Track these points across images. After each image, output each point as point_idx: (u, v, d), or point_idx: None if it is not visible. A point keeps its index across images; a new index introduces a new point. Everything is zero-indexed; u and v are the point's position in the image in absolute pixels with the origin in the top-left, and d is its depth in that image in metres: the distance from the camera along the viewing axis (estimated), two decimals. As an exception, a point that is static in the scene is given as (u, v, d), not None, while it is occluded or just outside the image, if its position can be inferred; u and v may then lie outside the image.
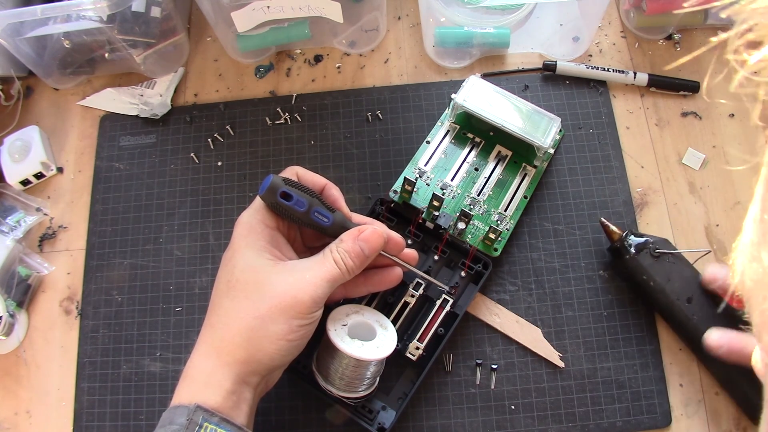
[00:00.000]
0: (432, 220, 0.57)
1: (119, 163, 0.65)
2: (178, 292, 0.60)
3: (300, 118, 0.65)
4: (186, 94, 0.68)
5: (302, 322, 0.44)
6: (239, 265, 0.45)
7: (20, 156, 0.64)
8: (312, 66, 0.68)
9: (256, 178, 0.63)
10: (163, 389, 0.56)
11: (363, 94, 0.66)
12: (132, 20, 0.61)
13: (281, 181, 0.47)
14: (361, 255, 0.47)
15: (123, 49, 0.63)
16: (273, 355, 0.44)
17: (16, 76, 0.67)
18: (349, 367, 0.48)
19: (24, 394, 0.58)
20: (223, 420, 0.41)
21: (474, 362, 0.55)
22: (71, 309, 0.60)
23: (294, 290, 0.44)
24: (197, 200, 0.63)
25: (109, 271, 0.61)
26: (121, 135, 0.66)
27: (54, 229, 0.63)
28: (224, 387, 0.43)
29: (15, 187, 0.65)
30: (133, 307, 0.60)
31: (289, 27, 0.65)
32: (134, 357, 0.58)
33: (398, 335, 0.52)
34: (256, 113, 0.66)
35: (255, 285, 0.44)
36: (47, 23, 0.59)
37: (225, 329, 0.44)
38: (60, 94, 0.69)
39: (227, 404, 0.43)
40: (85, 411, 0.56)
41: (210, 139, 0.65)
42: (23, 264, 0.61)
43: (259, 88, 0.67)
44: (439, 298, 0.55)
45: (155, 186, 0.64)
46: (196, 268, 0.60)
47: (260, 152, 0.64)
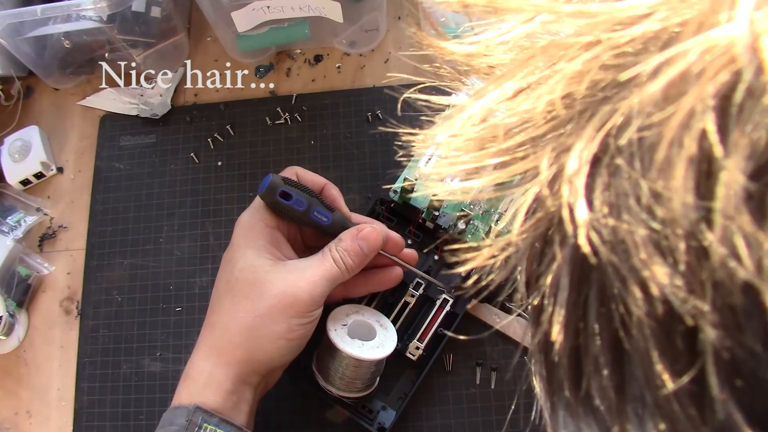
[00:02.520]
0: (432, 220, 0.57)
1: (119, 163, 0.65)
2: (178, 292, 0.60)
3: (300, 118, 0.65)
4: (186, 94, 0.68)
5: (302, 321, 0.44)
6: (239, 264, 0.45)
7: (20, 156, 0.64)
8: (312, 66, 0.68)
9: (256, 178, 0.63)
10: (163, 389, 0.56)
11: (363, 94, 0.66)
12: (132, 20, 0.61)
13: (281, 181, 0.47)
14: (360, 254, 0.47)
15: (123, 49, 0.63)
16: (273, 355, 0.44)
17: (16, 76, 0.67)
18: (349, 367, 0.48)
19: (24, 394, 0.58)
20: (223, 420, 0.41)
21: (474, 362, 0.55)
22: (71, 309, 0.60)
23: (293, 289, 0.44)
24: (197, 200, 0.63)
25: (109, 271, 0.61)
26: (121, 135, 0.66)
27: (54, 229, 0.63)
28: (224, 387, 0.43)
29: (15, 187, 0.65)
30: (133, 307, 0.59)
31: (289, 27, 0.65)
32: (134, 357, 0.58)
33: (398, 335, 0.52)
34: (256, 113, 0.66)
35: (255, 284, 0.44)
36: (47, 23, 0.59)
37: (225, 329, 0.44)
38: (60, 94, 0.69)
39: (227, 404, 0.43)
40: (85, 411, 0.56)
41: (210, 139, 0.65)
42: (23, 264, 0.61)
43: (259, 88, 0.67)
44: (439, 298, 0.55)
45: (155, 186, 0.64)
46: (196, 268, 0.60)
47: (260, 152, 0.64)
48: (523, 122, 0.18)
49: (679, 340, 0.15)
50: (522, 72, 0.18)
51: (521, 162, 0.18)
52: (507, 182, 0.18)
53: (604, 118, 0.16)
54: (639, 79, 0.15)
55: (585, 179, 0.16)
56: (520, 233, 0.18)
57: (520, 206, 0.18)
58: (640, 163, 0.15)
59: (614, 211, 0.15)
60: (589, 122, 0.16)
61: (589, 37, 0.16)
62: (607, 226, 0.15)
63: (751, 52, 0.13)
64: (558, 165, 0.17)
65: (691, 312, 0.14)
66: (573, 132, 0.16)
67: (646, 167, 0.15)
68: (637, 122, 0.15)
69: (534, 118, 0.17)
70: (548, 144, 0.17)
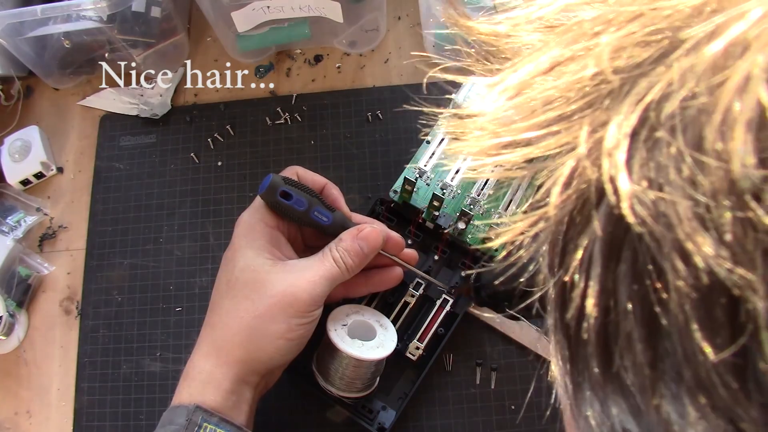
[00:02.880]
0: (432, 220, 0.57)
1: (119, 163, 0.65)
2: (178, 292, 0.60)
3: (300, 118, 0.65)
4: (186, 94, 0.68)
5: (302, 320, 0.44)
6: (239, 264, 0.45)
7: (20, 156, 0.64)
8: (312, 66, 0.68)
9: (256, 178, 0.63)
10: (163, 389, 0.56)
11: (363, 94, 0.66)
12: (132, 20, 0.61)
13: (281, 180, 0.47)
14: (360, 253, 0.47)
15: (123, 49, 0.63)
16: (273, 355, 0.44)
17: (16, 76, 0.67)
18: (349, 367, 0.48)
19: (24, 394, 0.58)
20: (223, 420, 0.41)
21: (474, 362, 0.55)
22: (71, 309, 0.60)
23: (293, 289, 0.44)
24: (197, 200, 0.63)
25: (109, 271, 0.61)
26: (121, 135, 0.66)
27: (54, 229, 0.63)
28: (224, 387, 0.43)
29: (15, 187, 0.65)
30: (133, 307, 0.59)
31: (289, 27, 0.65)
32: (134, 357, 0.58)
33: (398, 335, 0.52)
34: (256, 113, 0.66)
35: (255, 284, 0.44)
36: (47, 23, 0.59)
37: (225, 329, 0.44)
38: (60, 94, 0.69)
39: (227, 404, 0.43)
40: (85, 411, 0.56)
41: (210, 139, 0.65)
42: (23, 264, 0.61)
43: (259, 88, 0.67)
44: (439, 298, 0.55)
45: (155, 186, 0.64)
46: (196, 268, 0.60)
47: (260, 152, 0.64)
48: (558, 97, 0.18)
49: (720, 313, 0.15)
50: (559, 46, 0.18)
51: (556, 136, 0.18)
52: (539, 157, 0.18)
53: (641, 92, 0.16)
54: (693, 42, 0.15)
55: (625, 153, 0.16)
56: (557, 206, 0.18)
57: (556, 179, 0.17)
58: (682, 135, 0.15)
59: (655, 185, 0.15)
60: (627, 97, 0.16)
61: (633, 7, 0.16)
62: (648, 199, 0.15)
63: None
64: (595, 139, 0.17)
65: (737, 283, 0.14)
66: (610, 107, 0.16)
67: (690, 138, 0.15)
68: (682, 93, 0.15)
69: (570, 93, 0.17)
70: (584, 118, 0.17)
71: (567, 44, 0.18)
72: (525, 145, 0.19)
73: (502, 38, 0.20)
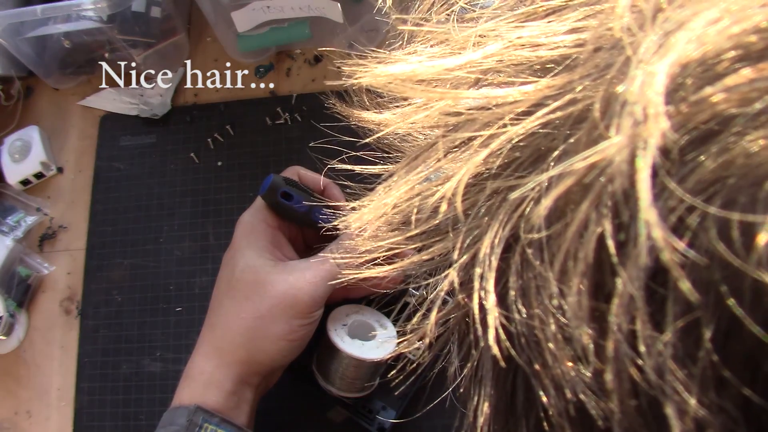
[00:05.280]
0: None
1: (119, 163, 0.65)
2: (178, 292, 0.60)
3: (300, 118, 0.65)
4: (186, 94, 0.68)
5: (302, 321, 0.44)
6: (240, 265, 0.45)
7: (20, 156, 0.64)
8: (312, 66, 0.68)
9: (256, 178, 0.63)
10: (163, 389, 0.56)
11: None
12: (132, 20, 0.61)
13: (282, 181, 0.47)
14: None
15: (123, 49, 0.63)
16: (274, 356, 0.44)
17: (16, 76, 0.67)
18: (349, 367, 0.48)
19: (24, 394, 0.58)
20: (224, 420, 0.41)
21: (474, 362, 0.55)
22: (71, 309, 0.60)
23: (294, 290, 0.44)
24: (197, 200, 0.63)
25: (109, 271, 0.61)
26: (121, 135, 0.66)
27: (54, 229, 0.63)
28: (225, 387, 0.43)
29: (15, 187, 0.65)
30: (133, 307, 0.59)
31: (289, 27, 0.65)
32: (134, 357, 0.58)
33: (398, 335, 0.52)
34: (256, 113, 0.66)
35: (255, 285, 0.44)
36: (47, 23, 0.59)
37: (226, 329, 0.44)
38: (60, 94, 0.69)
39: (228, 405, 0.43)
40: (85, 411, 0.56)
41: (210, 139, 0.65)
42: (23, 264, 0.61)
43: (259, 88, 0.67)
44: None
45: (155, 186, 0.64)
46: (196, 268, 0.60)
47: (260, 152, 0.64)
48: (429, 211, 0.17)
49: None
50: (425, 160, 0.18)
51: (435, 246, 0.17)
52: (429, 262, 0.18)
53: (504, 218, 0.15)
54: (530, 195, 0.15)
55: (495, 273, 0.15)
56: (436, 324, 0.18)
57: (435, 297, 0.17)
58: (546, 257, 0.14)
59: (526, 303, 0.15)
60: (494, 219, 0.16)
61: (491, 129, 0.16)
62: (520, 319, 0.15)
63: (629, 167, 0.13)
64: (470, 253, 0.16)
65: (601, 414, 0.14)
66: (480, 225, 0.16)
67: (550, 264, 0.14)
68: (537, 229, 0.15)
69: (434, 209, 0.17)
70: (460, 233, 0.17)
71: (434, 158, 0.17)
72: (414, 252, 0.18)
73: (387, 126, 0.20)
